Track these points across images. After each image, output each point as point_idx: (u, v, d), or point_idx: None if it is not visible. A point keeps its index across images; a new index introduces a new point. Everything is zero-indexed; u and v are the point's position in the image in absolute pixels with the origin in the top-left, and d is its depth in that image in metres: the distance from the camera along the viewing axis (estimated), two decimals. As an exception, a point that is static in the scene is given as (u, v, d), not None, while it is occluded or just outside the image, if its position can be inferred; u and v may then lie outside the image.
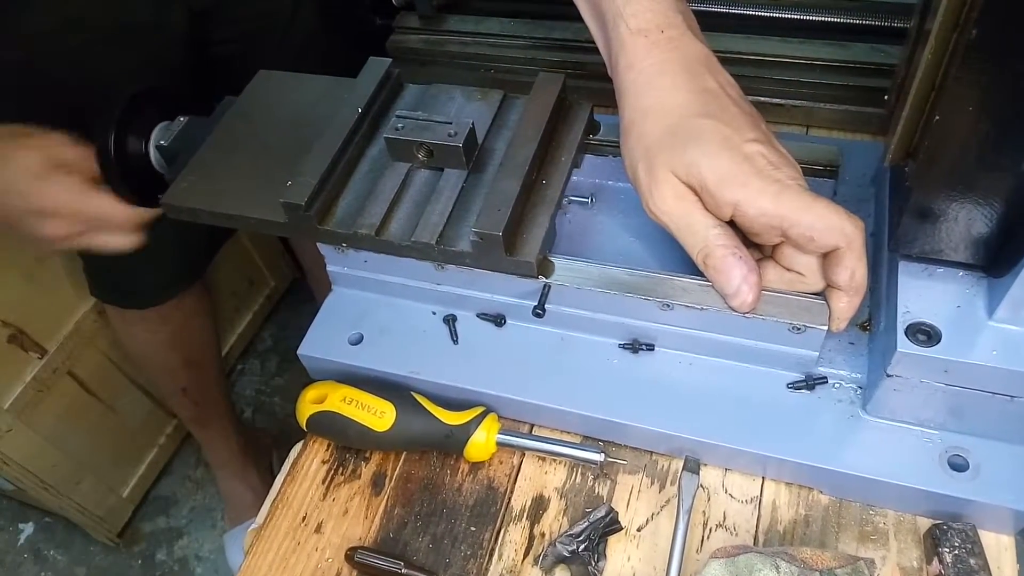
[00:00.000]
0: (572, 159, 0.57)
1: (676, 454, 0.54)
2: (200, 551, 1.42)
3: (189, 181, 0.59)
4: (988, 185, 0.41)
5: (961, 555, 0.47)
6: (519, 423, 0.58)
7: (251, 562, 0.54)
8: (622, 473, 0.55)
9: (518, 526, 0.53)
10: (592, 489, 0.54)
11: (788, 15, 0.68)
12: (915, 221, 0.45)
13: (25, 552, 1.45)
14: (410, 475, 0.57)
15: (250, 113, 0.63)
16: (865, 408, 0.51)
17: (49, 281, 1.13)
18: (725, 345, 0.53)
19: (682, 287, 0.51)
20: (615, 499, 0.54)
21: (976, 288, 0.47)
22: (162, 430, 1.47)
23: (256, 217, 0.57)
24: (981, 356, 0.44)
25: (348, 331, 0.60)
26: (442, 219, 0.53)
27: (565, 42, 0.75)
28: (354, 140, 0.58)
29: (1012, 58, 0.36)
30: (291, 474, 0.59)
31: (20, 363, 1.12)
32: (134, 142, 0.62)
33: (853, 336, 0.54)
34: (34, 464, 1.19)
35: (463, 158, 0.55)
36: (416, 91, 0.63)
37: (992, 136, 0.39)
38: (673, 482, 0.53)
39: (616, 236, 0.62)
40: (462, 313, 0.59)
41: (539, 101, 0.57)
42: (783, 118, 0.69)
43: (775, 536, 0.50)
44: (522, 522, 0.54)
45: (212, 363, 1.27)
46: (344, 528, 0.55)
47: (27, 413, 1.15)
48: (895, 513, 0.51)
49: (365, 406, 0.55)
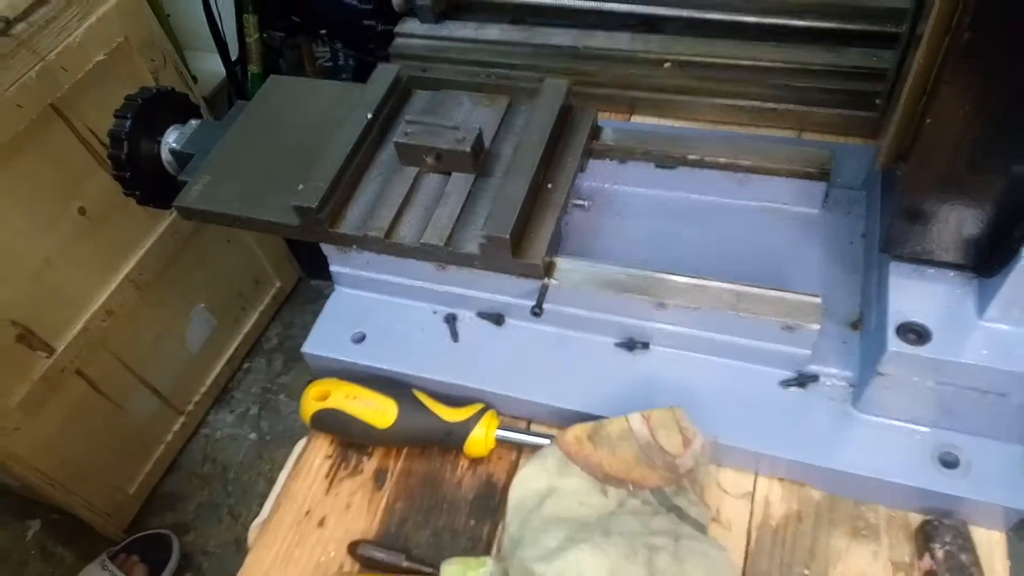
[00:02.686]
0: (577, 163, 0.58)
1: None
2: (207, 546, 1.43)
3: (201, 184, 0.60)
4: (978, 187, 0.42)
5: (952, 551, 0.47)
6: (518, 420, 0.59)
7: (256, 555, 0.55)
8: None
9: (517, 521, 0.54)
10: (589, 485, 0.55)
11: (782, 21, 0.69)
12: (906, 222, 0.45)
13: (32, 549, 1.46)
14: (411, 470, 0.58)
15: (262, 118, 0.65)
16: (857, 406, 0.52)
17: (57, 281, 1.14)
18: (719, 343, 0.53)
19: (677, 287, 0.52)
20: (612, 495, 0.54)
21: (966, 288, 0.47)
22: (169, 427, 1.48)
23: (268, 220, 0.58)
24: (971, 355, 0.45)
25: (351, 330, 0.61)
26: (450, 222, 0.55)
27: (565, 49, 0.75)
28: (364, 145, 0.59)
29: (1003, 62, 0.37)
30: (295, 469, 0.60)
31: (28, 362, 1.13)
32: (147, 144, 0.63)
33: (845, 335, 0.54)
34: (42, 461, 1.20)
35: (471, 162, 0.56)
36: (424, 97, 0.64)
37: (983, 139, 0.40)
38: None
39: (613, 238, 0.63)
40: (462, 312, 0.61)
41: (545, 106, 0.58)
42: (776, 122, 0.70)
43: (768, 531, 0.51)
44: (521, 517, 0.54)
45: None
46: (347, 522, 0.56)
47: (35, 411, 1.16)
48: (887, 509, 0.51)
49: (368, 403, 0.56)
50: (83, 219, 1.15)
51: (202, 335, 1.49)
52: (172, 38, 1.30)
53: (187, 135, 0.64)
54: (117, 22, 1.07)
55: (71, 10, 1.00)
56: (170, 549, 1.35)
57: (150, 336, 1.35)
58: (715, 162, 0.61)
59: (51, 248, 1.11)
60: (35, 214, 1.07)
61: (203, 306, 1.46)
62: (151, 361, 1.37)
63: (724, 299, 0.51)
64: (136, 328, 1.31)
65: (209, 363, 1.55)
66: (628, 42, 0.73)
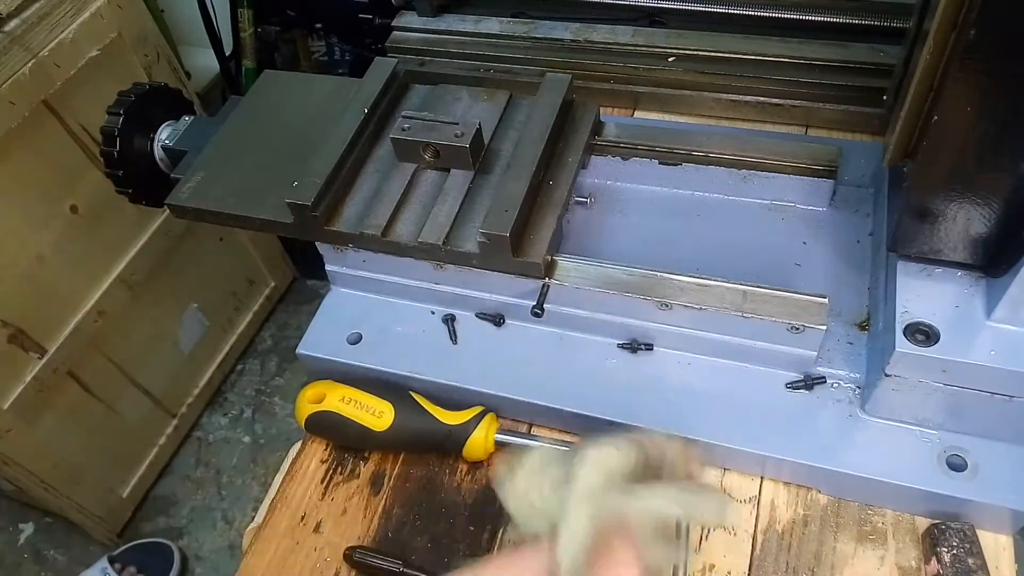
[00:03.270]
0: (579, 159, 0.57)
1: (675, 454, 0.54)
2: (200, 551, 1.42)
3: (194, 181, 0.59)
4: (986, 185, 0.41)
5: (959, 554, 0.47)
6: (518, 422, 0.58)
7: (250, 561, 0.54)
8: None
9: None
10: (591, 488, 0.54)
11: (788, 15, 0.68)
12: (914, 221, 0.45)
13: (25, 552, 1.44)
14: (409, 475, 0.57)
15: (256, 113, 0.64)
16: (864, 408, 0.51)
17: (49, 280, 1.13)
18: (724, 345, 0.53)
19: (681, 287, 0.51)
20: (614, 499, 0.53)
21: (974, 288, 0.47)
22: (162, 430, 1.47)
23: (262, 218, 0.57)
24: (979, 356, 0.44)
25: (347, 331, 0.60)
26: (449, 220, 0.54)
27: (567, 43, 0.75)
28: (360, 140, 0.58)
29: (1010, 59, 0.36)
30: (290, 473, 0.59)
31: (20, 363, 1.12)
32: (140, 141, 0.62)
33: (852, 336, 0.54)
34: (34, 464, 1.19)
35: (470, 159, 0.55)
36: (422, 91, 0.63)
37: (990, 136, 0.39)
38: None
39: (615, 236, 0.62)
40: (461, 313, 0.60)
41: (546, 102, 0.57)
42: (783, 118, 0.69)
43: (774, 535, 0.50)
44: (521, 521, 0.54)
45: None
46: (343, 528, 0.55)
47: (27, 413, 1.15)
48: (893, 512, 0.51)
49: (364, 406, 0.55)
50: (75, 217, 1.13)
51: (195, 336, 1.48)
52: (166, 33, 1.29)
53: (180, 132, 0.63)
54: (110, 18, 1.06)
55: (64, 6, 0.99)
56: (171, 560, 1.33)
57: (142, 337, 1.34)
58: (720, 159, 0.60)
59: (43, 247, 1.10)
60: (27, 212, 1.06)
61: (196, 306, 1.45)
62: (143, 362, 1.35)
63: (729, 299, 0.51)
64: (128, 329, 1.29)
65: (202, 365, 1.53)
66: (631, 36, 0.72)
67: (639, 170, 0.63)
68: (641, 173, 0.63)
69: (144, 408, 1.41)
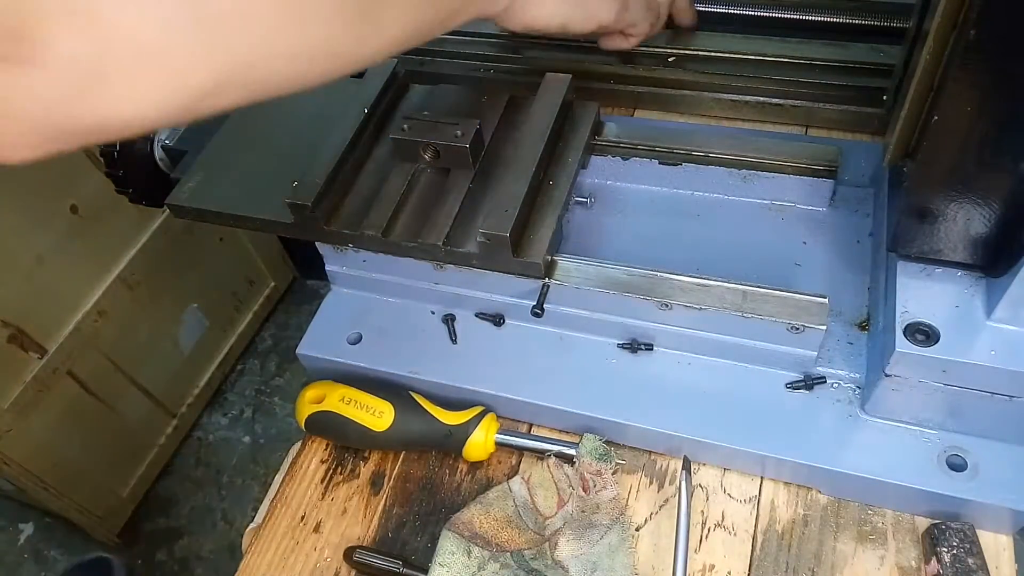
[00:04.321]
0: (579, 160, 0.57)
1: (675, 454, 0.54)
2: (200, 551, 1.42)
3: (195, 181, 0.59)
4: (986, 185, 0.41)
5: (959, 555, 0.47)
6: (518, 423, 0.58)
7: (250, 561, 0.54)
8: (621, 473, 0.54)
9: (517, 525, 0.53)
10: (591, 489, 0.54)
11: (788, 15, 0.68)
12: (914, 221, 0.45)
13: (25, 552, 1.45)
14: (409, 475, 0.57)
15: (255, 113, 0.64)
16: (864, 408, 0.51)
17: (49, 280, 1.13)
18: (724, 345, 0.53)
19: (681, 287, 0.51)
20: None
21: (975, 288, 0.47)
22: (162, 430, 1.47)
23: (262, 218, 0.57)
24: (979, 356, 0.44)
25: (347, 331, 0.60)
26: (449, 220, 0.54)
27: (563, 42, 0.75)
28: (360, 140, 0.58)
29: (1010, 59, 0.36)
30: (290, 473, 0.59)
31: (20, 363, 1.12)
32: (140, 141, 0.62)
33: (852, 336, 0.54)
34: (34, 464, 1.19)
35: (469, 159, 0.55)
36: (422, 91, 0.63)
37: (990, 136, 0.39)
38: (672, 481, 0.53)
39: (615, 236, 0.62)
40: (461, 312, 0.60)
41: (546, 102, 0.57)
42: (782, 118, 0.69)
43: (773, 535, 0.50)
44: (521, 521, 0.54)
45: None
46: (343, 527, 0.55)
47: (27, 413, 1.15)
48: (893, 512, 0.50)
49: (364, 406, 0.55)
50: (75, 217, 1.14)
51: (194, 336, 1.48)
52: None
53: (180, 131, 0.63)
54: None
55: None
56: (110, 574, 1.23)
57: (142, 337, 1.34)
58: (720, 159, 0.60)
59: (43, 247, 1.10)
60: (28, 212, 1.06)
61: (196, 306, 1.45)
62: (143, 362, 1.36)
63: (729, 300, 0.51)
64: (128, 328, 1.29)
65: (202, 365, 1.54)
66: (630, 37, 0.72)
67: (639, 170, 0.63)
68: (641, 173, 0.63)
69: (144, 408, 1.41)
